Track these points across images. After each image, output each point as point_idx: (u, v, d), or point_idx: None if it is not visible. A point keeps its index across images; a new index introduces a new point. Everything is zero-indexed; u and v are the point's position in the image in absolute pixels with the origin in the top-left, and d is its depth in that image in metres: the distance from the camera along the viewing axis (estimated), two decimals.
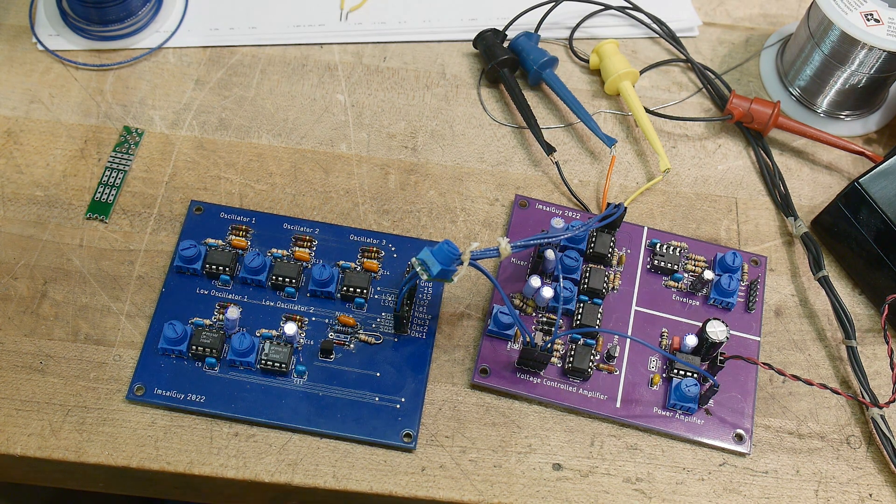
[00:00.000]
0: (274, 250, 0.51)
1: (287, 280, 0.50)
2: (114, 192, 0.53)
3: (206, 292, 0.50)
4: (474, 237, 0.54)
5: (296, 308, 0.50)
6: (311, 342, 0.49)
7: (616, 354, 0.50)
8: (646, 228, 0.55)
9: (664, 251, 0.53)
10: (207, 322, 0.49)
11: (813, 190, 0.58)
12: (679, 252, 0.53)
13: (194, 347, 0.47)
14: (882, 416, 0.50)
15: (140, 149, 0.55)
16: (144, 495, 0.52)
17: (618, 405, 0.49)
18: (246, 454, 0.46)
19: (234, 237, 0.51)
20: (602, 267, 0.52)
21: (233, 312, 0.48)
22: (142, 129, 0.56)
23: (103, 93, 0.57)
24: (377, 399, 0.48)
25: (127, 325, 0.49)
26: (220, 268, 0.50)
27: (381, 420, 0.47)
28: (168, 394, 0.47)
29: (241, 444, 0.47)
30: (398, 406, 0.48)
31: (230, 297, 0.50)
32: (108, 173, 0.54)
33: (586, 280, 0.51)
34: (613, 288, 0.52)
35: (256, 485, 0.46)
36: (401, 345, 0.49)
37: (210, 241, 0.51)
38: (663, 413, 0.49)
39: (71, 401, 0.47)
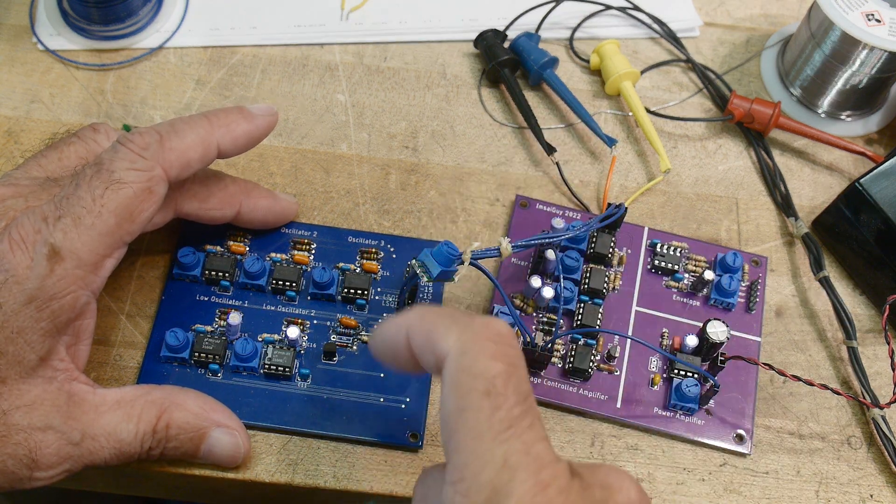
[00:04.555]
0: (273, 254, 0.51)
1: (287, 284, 0.49)
2: None
3: (206, 298, 0.50)
4: (475, 237, 0.54)
5: (297, 311, 0.50)
6: (314, 345, 0.49)
7: (616, 355, 0.50)
8: (646, 229, 0.55)
9: (665, 251, 0.53)
10: (209, 328, 0.49)
11: (814, 190, 0.58)
12: (679, 252, 0.53)
13: (197, 354, 0.47)
14: (883, 417, 0.50)
15: None
16: (144, 495, 0.52)
17: (618, 405, 0.49)
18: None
19: (232, 243, 0.51)
20: (603, 267, 0.52)
21: (234, 318, 0.48)
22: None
23: (104, 93, 0.57)
24: (382, 400, 0.48)
25: (127, 325, 0.49)
26: (220, 273, 0.50)
27: (387, 421, 0.47)
28: None
29: None
30: (403, 406, 0.48)
31: (231, 302, 0.50)
32: None
33: (587, 280, 0.51)
34: (614, 288, 0.52)
35: (256, 485, 0.46)
36: None
37: (209, 247, 0.51)
38: (664, 413, 0.49)
39: None
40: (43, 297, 0.39)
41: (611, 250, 0.52)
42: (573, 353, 0.49)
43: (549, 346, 0.47)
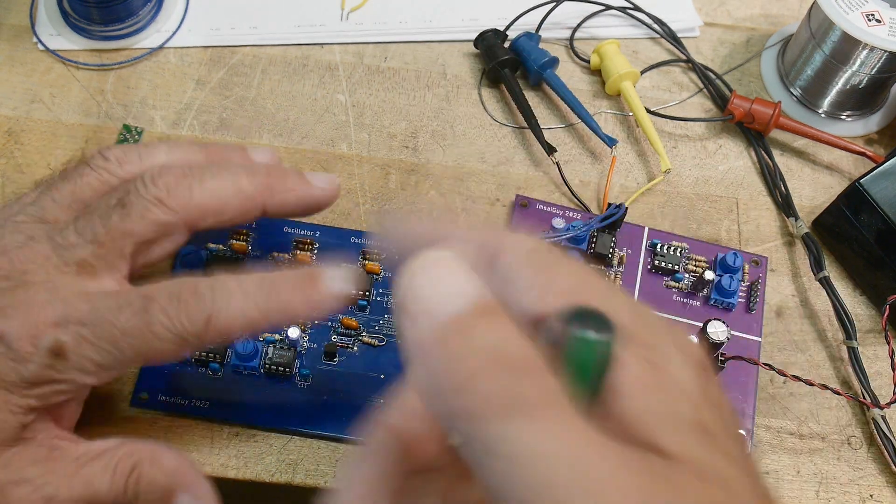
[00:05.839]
0: (275, 254, 0.51)
1: None
2: None
3: None
4: None
5: None
6: (315, 345, 0.49)
7: None
8: (646, 229, 0.55)
9: (665, 251, 0.53)
10: None
11: (814, 190, 0.58)
12: (680, 252, 0.53)
13: (197, 353, 0.47)
14: (883, 417, 0.50)
15: None
16: None
17: None
18: (246, 454, 0.46)
19: (234, 241, 0.51)
20: (603, 267, 0.52)
21: None
22: (141, 128, 0.56)
23: (104, 93, 0.57)
24: (382, 401, 0.48)
25: None
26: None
27: None
28: (172, 400, 0.47)
29: (242, 445, 0.47)
30: None
31: None
32: None
33: None
34: None
35: (256, 485, 0.46)
36: None
37: (211, 245, 0.51)
38: None
39: None
40: (37, 382, 0.39)
41: (611, 250, 0.52)
42: None
43: None
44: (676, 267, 0.53)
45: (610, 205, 0.51)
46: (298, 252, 0.51)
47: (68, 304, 0.39)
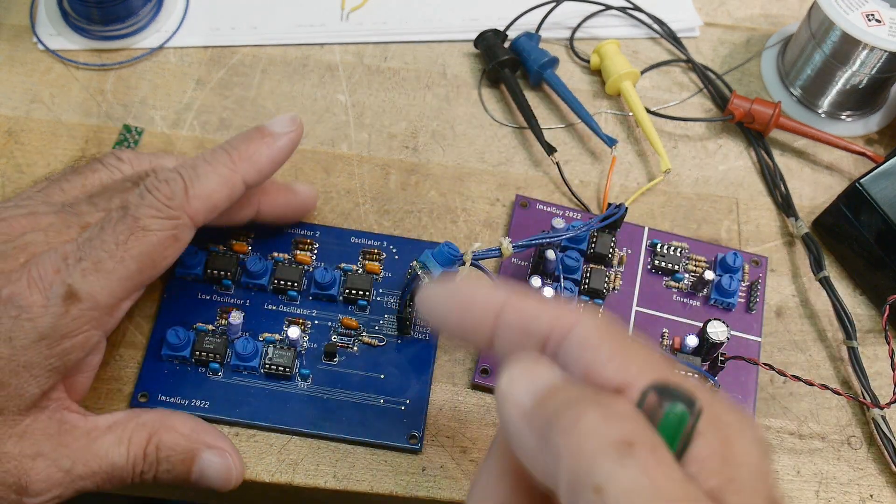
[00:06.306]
0: (275, 254, 0.51)
1: (289, 284, 0.49)
2: None
3: (207, 297, 0.50)
4: (475, 237, 0.54)
5: (298, 311, 0.50)
6: (315, 345, 0.49)
7: None
8: (646, 229, 0.55)
9: (665, 251, 0.53)
10: (210, 327, 0.49)
11: (814, 190, 0.58)
12: (680, 252, 0.53)
13: (197, 353, 0.47)
14: (883, 417, 0.50)
15: (139, 148, 0.55)
16: (144, 495, 0.52)
17: None
18: (246, 454, 0.46)
19: (235, 241, 0.51)
20: (603, 267, 0.52)
21: (235, 317, 0.48)
22: (141, 127, 0.56)
23: (104, 93, 0.57)
24: (382, 401, 0.48)
25: (127, 325, 0.49)
26: (222, 272, 0.50)
27: (386, 422, 0.47)
28: (172, 400, 0.47)
29: (242, 445, 0.47)
30: (403, 408, 0.48)
31: (232, 301, 0.50)
32: None
33: (587, 280, 0.51)
34: (614, 288, 0.52)
35: (257, 485, 0.46)
36: (404, 346, 0.49)
37: (211, 245, 0.51)
38: None
39: None
40: (55, 336, 0.39)
41: (611, 250, 0.52)
42: None
43: None
44: (676, 267, 0.53)
45: (610, 205, 0.51)
46: (298, 252, 0.51)
47: (60, 250, 0.40)
